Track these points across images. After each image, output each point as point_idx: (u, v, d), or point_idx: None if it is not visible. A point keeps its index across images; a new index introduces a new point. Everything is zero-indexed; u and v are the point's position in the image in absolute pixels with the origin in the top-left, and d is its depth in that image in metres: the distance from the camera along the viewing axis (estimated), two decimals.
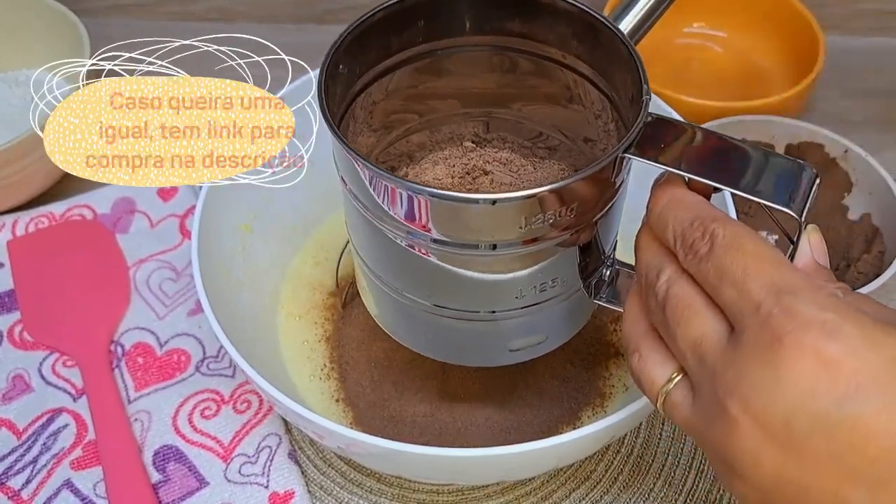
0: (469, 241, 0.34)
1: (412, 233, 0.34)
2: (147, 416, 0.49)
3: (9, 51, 0.65)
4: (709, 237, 0.29)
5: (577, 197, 0.33)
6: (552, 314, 0.39)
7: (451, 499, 0.46)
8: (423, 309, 0.38)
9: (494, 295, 0.37)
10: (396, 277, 0.38)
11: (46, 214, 0.59)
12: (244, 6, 0.76)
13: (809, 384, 0.26)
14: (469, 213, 0.33)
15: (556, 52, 0.39)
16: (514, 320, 0.38)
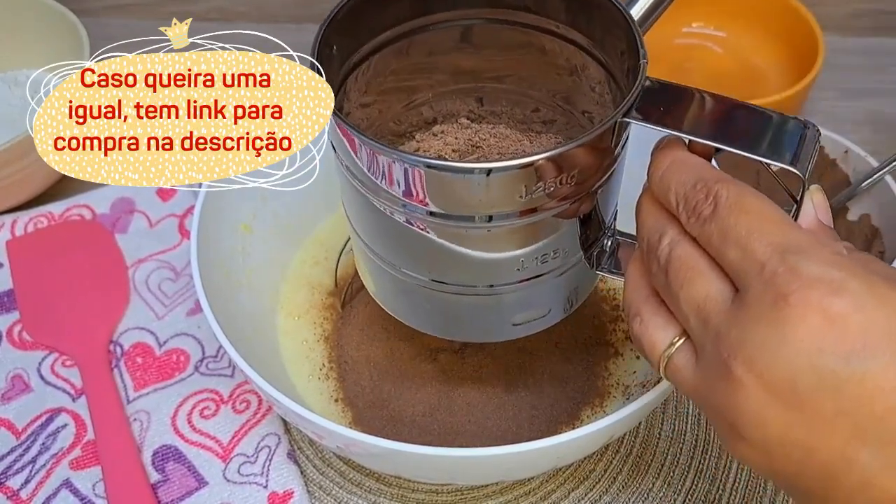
0: (466, 214, 0.34)
1: (408, 206, 0.34)
2: (146, 415, 0.49)
3: (9, 51, 0.65)
4: (712, 198, 0.29)
5: (575, 165, 0.33)
6: (554, 286, 0.39)
7: (450, 499, 0.46)
8: (423, 285, 0.38)
9: (494, 268, 0.36)
10: (394, 254, 0.38)
11: (45, 214, 0.59)
12: (244, 6, 0.76)
13: (816, 342, 0.26)
14: (465, 184, 0.32)
15: (550, 22, 0.39)
16: (515, 293, 0.38)
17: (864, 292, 0.26)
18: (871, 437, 0.25)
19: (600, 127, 0.32)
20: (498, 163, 0.32)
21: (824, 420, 0.26)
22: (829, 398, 0.26)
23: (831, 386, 0.25)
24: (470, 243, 0.35)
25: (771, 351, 0.26)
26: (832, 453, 0.26)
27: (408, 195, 0.34)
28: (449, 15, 0.40)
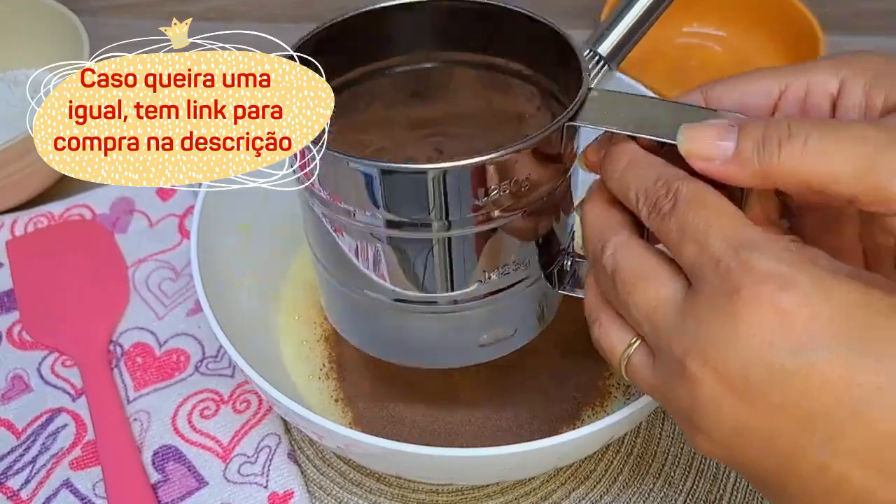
0: (423, 220, 0.34)
1: (367, 217, 0.34)
2: (146, 415, 0.49)
3: (9, 51, 0.65)
4: (672, 195, 0.30)
5: (526, 168, 0.33)
6: (519, 303, 0.39)
7: (450, 499, 0.46)
8: (385, 306, 0.38)
9: (456, 280, 0.37)
10: (353, 273, 0.38)
11: (45, 214, 0.59)
12: (243, 6, 0.77)
13: (766, 336, 0.26)
14: (420, 185, 0.33)
15: (502, 61, 0.40)
16: (480, 310, 0.38)
17: (811, 286, 0.26)
18: (819, 427, 0.26)
19: (549, 128, 0.33)
20: (451, 163, 0.32)
21: (776, 411, 0.27)
22: (779, 391, 0.26)
23: (781, 378, 0.26)
24: (430, 254, 0.35)
25: (724, 345, 0.27)
26: (785, 443, 0.27)
27: (364, 203, 0.34)
28: (399, 60, 0.40)
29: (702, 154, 0.30)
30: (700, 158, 0.30)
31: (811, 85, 0.34)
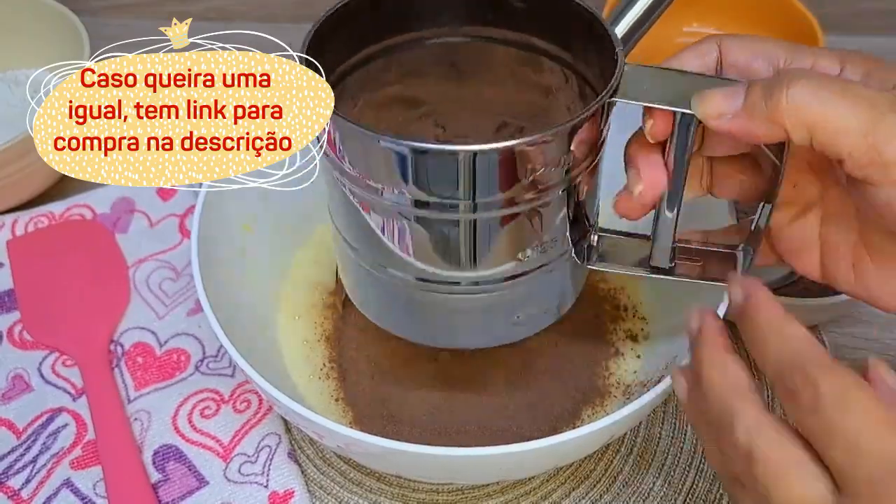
0: (452, 201, 0.34)
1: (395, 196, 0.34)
2: (147, 415, 0.49)
3: (9, 51, 0.65)
4: (811, 388, 0.28)
5: (565, 148, 0.34)
6: (557, 278, 0.39)
7: (450, 498, 0.46)
8: (427, 288, 0.38)
9: (499, 258, 0.37)
10: (379, 252, 0.38)
11: (46, 214, 0.59)
12: (243, 6, 0.77)
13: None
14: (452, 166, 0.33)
15: (528, 38, 0.39)
16: (520, 287, 0.38)
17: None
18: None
19: (593, 105, 0.33)
20: (488, 144, 0.32)
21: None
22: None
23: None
24: (475, 232, 0.36)
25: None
26: None
27: (394, 182, 0.34)
28: (425, 34, 0.40)
29: (714, 111, 0.31)
30: (713, 117, 0.31)
31: (818, 65, 0.34)
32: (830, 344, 0.52)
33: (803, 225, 0.36)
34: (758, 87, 0.31)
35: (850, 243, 0.35)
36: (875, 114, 0.29)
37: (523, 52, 0.40)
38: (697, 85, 0.33)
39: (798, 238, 0.37)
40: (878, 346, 0.52)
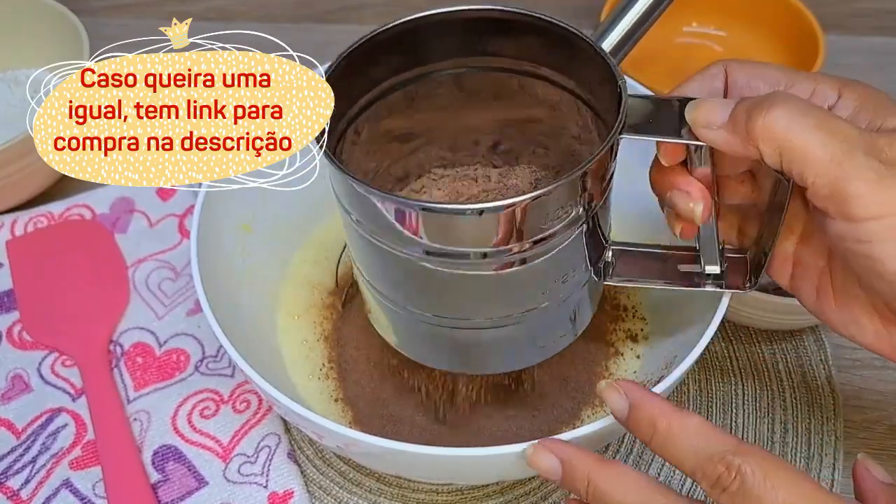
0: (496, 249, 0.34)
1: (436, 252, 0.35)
2: (146, 415, 0.49)
3: (9, 51, 0.65)
4: (735, 473, 0.30)
5: (584, 188, 0.34)
6: (576, 301, 0.40)
7: (450, 499, 0.46)
8: (464, 327, 0.39)
9: (525, 296, 0.37)
10: (426, 302, 0.38)
11: (45, 214, 0.59)
12: (243, 6, 0.77)
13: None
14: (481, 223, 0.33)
15: (532, 65, 0.40)
16: (541, 318, 0.39)
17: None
18: None
19: (603, 147, 0.34)
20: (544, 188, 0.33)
21: None
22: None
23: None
24: (506, 276, 0.36)
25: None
26: None
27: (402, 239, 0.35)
28: (435, 66, 0.40)
29: (703, 120, 0.33)
30: (702, 125, 0.33)
31: (816, 92, 0.35)
32: (830, 344, 0.52)
33: (783, 239, 0.37)
34: (744, 104, 0.32)
35: (818, 268, 0.37)
36: (846, 149, 0.30)
37: (531, 81, 0.40)
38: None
39: (777, 249, 0.38)
40: None
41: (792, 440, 0.48)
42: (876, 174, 0.30)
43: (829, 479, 0.47)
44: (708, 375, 0.51)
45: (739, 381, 0.51)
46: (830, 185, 0.30)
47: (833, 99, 0.34)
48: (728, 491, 0.30)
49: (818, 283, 0.37)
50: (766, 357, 0.52)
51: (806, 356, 0.52)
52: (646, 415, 0.33)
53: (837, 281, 0.36)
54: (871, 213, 0.30)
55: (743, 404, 0.50)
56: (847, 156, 0.30)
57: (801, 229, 0.37)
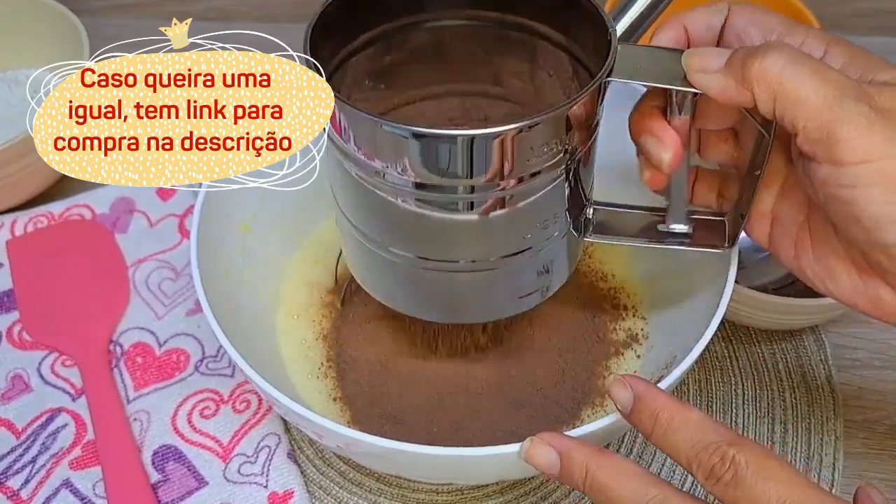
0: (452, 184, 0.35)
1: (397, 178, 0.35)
2: (146, 415, 0.49)
3: (9, 51, 0.65)
4: (730, 463, 0.31)
5: (570, 126, 0.35)
6: (555, 250, 0.40)
7: (450, 499, 0.46)
8: (435, 268, 0.39)
9: (505, 238, 0.38)
10: (399, 239, 0.38)
11: (45, 214, 0.59)
12: (243, 6, 0.77)
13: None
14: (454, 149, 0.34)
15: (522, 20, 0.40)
16: (523, 263, 0.39)
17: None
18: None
19: (591, 85, 0.34)
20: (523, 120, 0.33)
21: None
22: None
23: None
24: (490, 217, 0.36)
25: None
26: None
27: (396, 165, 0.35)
28: (422, 17, 0.40)
29: (700, 66, 0.34)
30: (697, 70, 0.34)
31: (805, 44, 0.35)
32: (830, 344, 0.52)
33: (761, 196, 0.38)
34: (741, 50, 0.33)
35: (796, 223, 0.37)
36: (837, 94, 0.31)
37: (519, 34, 0.40)
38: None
39: (755, 207, 0.38)
40: (877, 346, 0.52)
41: (792, 440, 0.48)
42: (866, 119, 0.31)
43: (829, 479, 0.47)
44: (708, 375, 0.51)
45: (739, 380, 0.51)
46: (821, 128, 0.31)
47: (820, 53, 0.35)
48: (722, 481, 0.31)
49: (796, 238, 0.37)
50: (766, 357, 0.52)
51: (806, 356, 0.52)
52: (649, 408, 0.34)
53: (816, 234, 0.36)
54: (858, 158, 0.31)
55: (743, 404, 0.50)
56: (838, 101, 0.31)
57: (780, 184, 0.38)
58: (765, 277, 0.53)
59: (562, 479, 0.35)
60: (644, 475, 0.33)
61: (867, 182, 0.31)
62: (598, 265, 0.53)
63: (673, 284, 0.49)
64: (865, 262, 0.34)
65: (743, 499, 0.31)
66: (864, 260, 0.34)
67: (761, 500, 0.30)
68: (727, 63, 0.33)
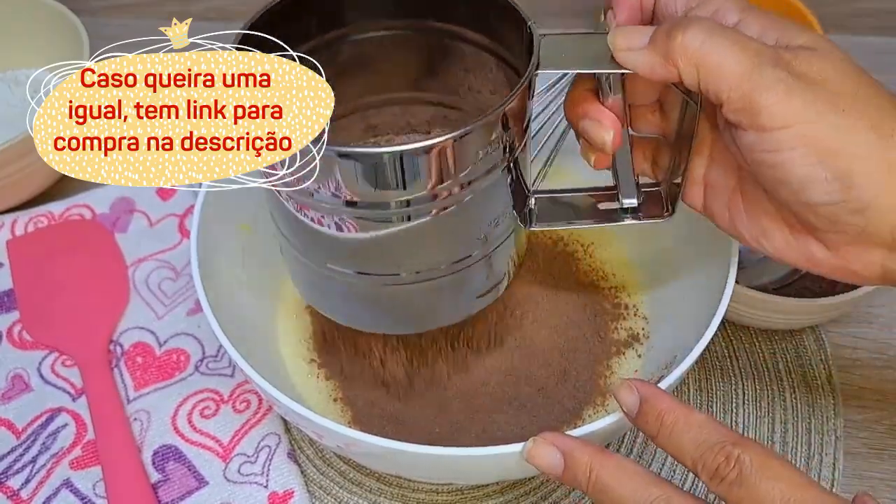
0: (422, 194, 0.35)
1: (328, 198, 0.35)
2: (146, 415, 0.49)
3: (9, 51, 0.65)
4: (734, 463, 0.31)
5: (506, 126, 0.35)
6: (507, 248, 0.41)
7: (450, 499, 0.46)
8: (392, 283, 0.39)
9: (463, 243, 0.38)
10: (317, 248, 0.38)
11: (45, 214, 0.59)
12: (243, 6, 0.77)
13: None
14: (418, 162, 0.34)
15: (451, 27, 0.40)
16: (480, 264, 0.39)
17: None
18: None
19: (519, 85, 0.34)
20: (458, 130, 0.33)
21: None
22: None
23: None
24: (442, 220, 0.36)
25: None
26: None
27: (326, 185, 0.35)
28: (348, 30, 0.41)
29: (625, 44, 0.34)
30: (622, 49, 0.34)
31: (718, 11, 0.36)
32: (830, 344, 0.52)
33: (692, 164, 0.39)
34: (663, 27, 0.34)
35: (728, 188, 0.38)
36: (756, 62, 0.32)
37: (446, 41, 0.41)
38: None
39: (688, 175, 0.39)
40: (877, 345, 0.52)
41: (792, 440, 0.48)
42: (784, 85, 0.32)
43: (829, 479, 0.47)
44: (708, 375, 0.51)
45: (739, 380, 0.51)
46: (743, 98, 0.32)
47: (734, 20, 0.35)
48: (726, 481, 0.31)
49: (729, 202, 0.38)
50: (766, 357, 0.52)
51: (806, 356, 0.52)
52: (654, 410, 0.34)
53: (747, 197, 0.37)
54: (780, 123, 0.32)
55: (743, 404, 0.50)
56: (758, 69, 0.32)
57: (708, 152, 0.38)
58: (765, 277, 0.53)
59: (564, 480, 0.35)
60: (646, 475, 0.33)
61: (789, 146, 0.32)
62: (598, 264, 0.53)
63: (673, 284, 0.49)
64: (796, 220, 0.35)
65: (747, 498, 0.31)
66: (794, 219, 0.35)
67: (765, 499, 0.30)
68: (650, 40, 0.34)
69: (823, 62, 0.33)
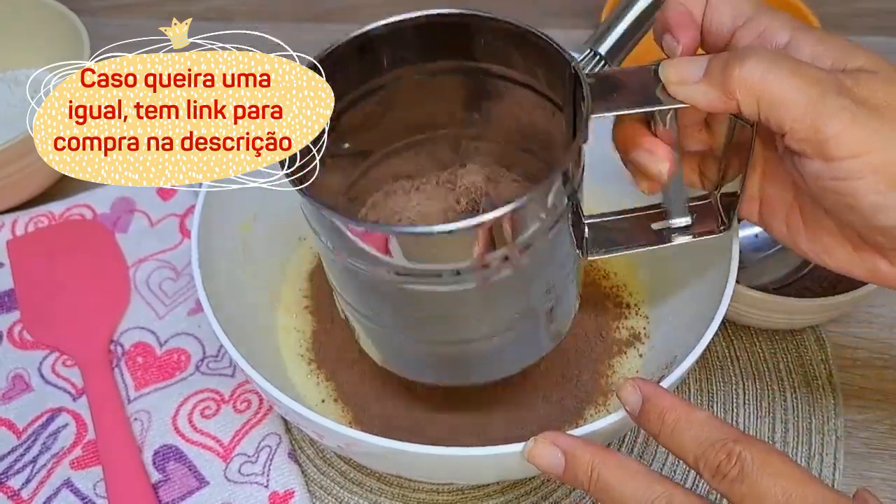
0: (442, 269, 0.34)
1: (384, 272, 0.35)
2: (147, 415, 0.49)
3: (9, 51, 0.65)
4: (736, 459, 0.31)
5: (566, 181, 0.34)
6: (569, 290, 0.40)
7: (450, 498, 0.46)
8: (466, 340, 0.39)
9: (533, 294, 0.38)
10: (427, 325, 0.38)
11: (46, 214, 0.59)
12: (243, 6, 0.77)
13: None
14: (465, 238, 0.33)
15: (499, 68, 0.40)
16: (546, 312, 0.39)
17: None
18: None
19: (575, 144, 0.34)
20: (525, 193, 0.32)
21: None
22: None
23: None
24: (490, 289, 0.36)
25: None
26: None
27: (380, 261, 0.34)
28: (407, 70, 0.40)
29: (678, 77, 0.34)
30: (676, 83, 0.34)
31: (768, 30, 0.35)
32: (831, 344, 0.52)
33: (748, 182, 0.39)
34: (718, 59, 0.33)
35: (785, 202, 0.38)
36: (819, 92, 0.31)
37: (489, 79, 0.40)
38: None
39: (743, 191, 0.39)
40: (878, 345, 0.52)
41: (793, 439, 0.48)
42: (850, 113, 0.31)
43: (830, 479, 0.47)
44: (708, 375, 0.51)
45: (740, 380, 0.51)
46: (808, 128, 0.31)
47: (784, 40, 0.35)
48: (728, 477, 0.31)
49: (787, 218, 0.38)
50: (767, 357, 0.52)
51: (807, 356, 0.52)
52: (657, 409, 0.34)
53: (806, 214, 0.37)
54: (847, 153, 0.31)
55: (744, 404, 0.50)
56: (821, 98, 0.31)
57: (761, 169, 0.38)
58: (765, 277, 0.53)
59: (565, 480, 0.35)
60: (649, 473, 0.33)
61: (859, 175, 0.32)
62: (599, 263, 0.53)
63: (674, 284, 0.49)
64: (861, 240, 0.35)
65: (749, 494, 0.31)
66: (859, 238, 0.35)
67: (767, 496, 0.30)
68: (706, 73, 0.33)
69: (887, 86, 0.32)
